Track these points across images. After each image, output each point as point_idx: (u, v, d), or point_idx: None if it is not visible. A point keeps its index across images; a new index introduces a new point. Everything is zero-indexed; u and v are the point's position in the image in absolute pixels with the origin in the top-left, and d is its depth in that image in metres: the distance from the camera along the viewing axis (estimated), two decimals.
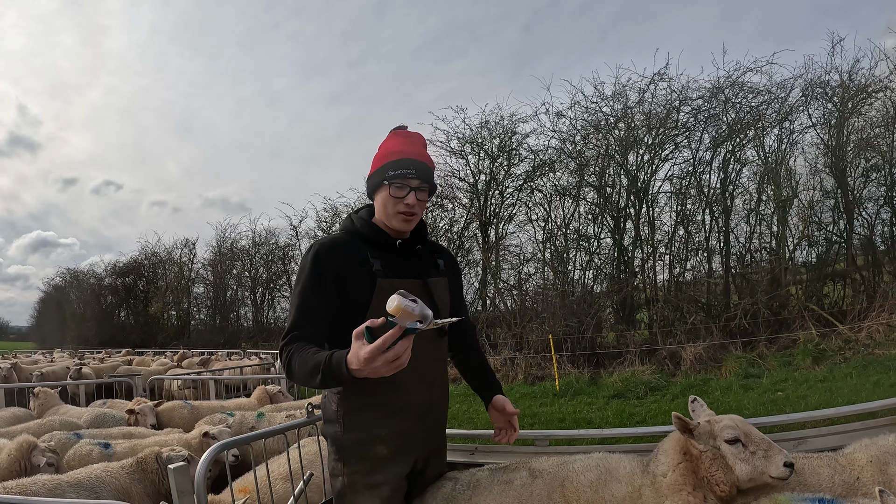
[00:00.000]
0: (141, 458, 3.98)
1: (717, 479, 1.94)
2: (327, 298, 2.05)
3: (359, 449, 2.11)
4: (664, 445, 2.13)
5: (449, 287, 2.35)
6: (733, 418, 2.05)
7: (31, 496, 3.22)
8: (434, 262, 2.35)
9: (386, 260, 2.15)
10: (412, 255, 2.25)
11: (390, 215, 2.15)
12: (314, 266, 2.05)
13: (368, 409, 2.12)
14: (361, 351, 1.60)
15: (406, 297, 1.55)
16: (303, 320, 2.01)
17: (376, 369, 1.62)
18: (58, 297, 40.88)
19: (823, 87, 13.47)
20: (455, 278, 2.45)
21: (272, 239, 25.82)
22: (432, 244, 2.42)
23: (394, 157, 2.13)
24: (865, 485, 1.98)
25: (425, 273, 2.24)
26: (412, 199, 2.12)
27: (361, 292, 2.06)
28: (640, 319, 14.99)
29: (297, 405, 6.23)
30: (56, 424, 5.66)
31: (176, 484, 1.95)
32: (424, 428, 2.23)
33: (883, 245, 13.53)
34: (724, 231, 14.42)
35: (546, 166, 15.77)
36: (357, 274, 2.08)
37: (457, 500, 2.21)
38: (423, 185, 2.14)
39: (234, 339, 25.68)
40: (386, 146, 2.20)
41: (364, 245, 2.16)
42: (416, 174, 2.11)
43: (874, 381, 8.36)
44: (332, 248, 2.10)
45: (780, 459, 1.89)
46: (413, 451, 2.19)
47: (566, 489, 2.09)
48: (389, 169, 2.11)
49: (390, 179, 2.11)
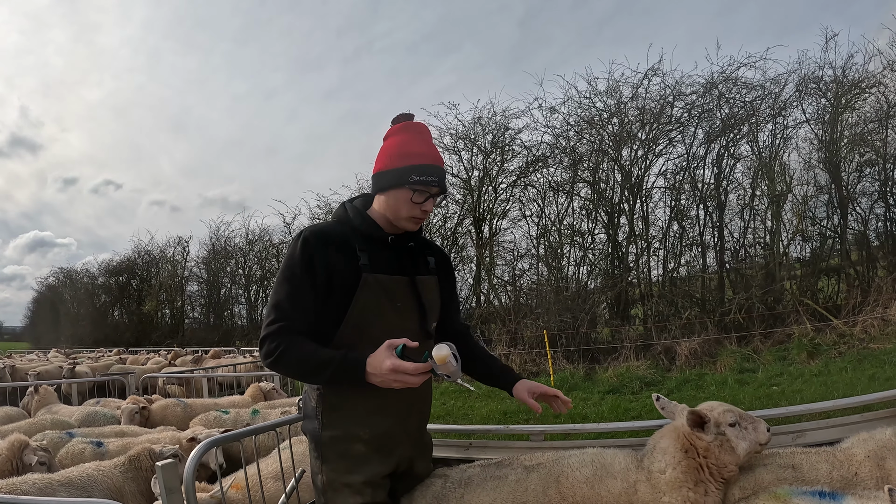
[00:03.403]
0: (133, 455, 3.95)
1: (726, 463, 2.02)
2: (315, 288, 1.99)
3: (337, 446, 2.07)
4: (661, 443, 2.11)
5: (439, 285, 2.30)
6: (721, 404, 2.16)
7: (22, 496, 3.18)
8: (424, 259, 2.28)
9: (374, 254, 2.09)
10: (402, 251, 2.20)
11: (401, 217, 2.10)
12: (304, 253, 1.99)
13: (347, 408, 2.07)
14: (389, 361, 1.79)
15: (454, 352, 1.78)
16: (292, 310, 1.97)
17: (389, 382, 1.82)
18: (51, 297, 40.86)
19: (817, 82, 13.53)
20: (446, 276, 2.38)
21: (266, 237, 25.84)
22: (424, 241, 2.36)
23: (417, 159, 2.06)
24: (864, 480, 1.96)
25: (414, 270, 2.19)
26: (430, 207, 2.09)
27: (346, 285, 2.01)
28: (635, 315, 14.99)
29: (292, 402, 6.19)
30: (48, 423, 5.61)
31: (164, 481, 1.91)
32: (405, 429, 2.17)
33: (877, 240, 13.61)
34: (719, 226, 14.47)
35: (539, 162, 15.75)
36: (343, 266, 2.02)
37: (447, 499, 2.16)
38: (440, 193, 2.12)
39: (229, 337, 25.70)
40: (404, 144, 2.11)
41: (354, 237, 2.10)
42: (437, 182, 2.07)
43: (869, 374, 8.39)
44: (320, 236, 2.04)
45: (763, 427, 2.08)
46: (394, 452, 2.13)
47: (561, 485, 2.06)
48: (414, 173, 2.04)
49: (413, 185, 2.04)
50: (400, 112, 2.19)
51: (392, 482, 2.17)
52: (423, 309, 2.16)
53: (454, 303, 2.47)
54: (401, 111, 2.19)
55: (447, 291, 2.38)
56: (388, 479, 2.13)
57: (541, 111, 17.51)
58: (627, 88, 14.79)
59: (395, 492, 2.20)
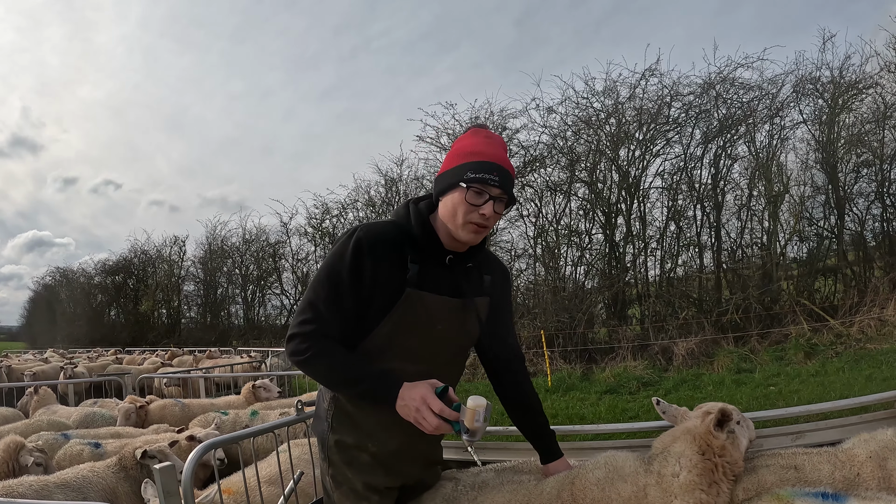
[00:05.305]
0: (122, 455, 3.93)
1: (735, 459, 2.02)
2: (358, 294, 1.85)
3: (344, 452, 1.99)
4: (675, 447, 2.06)
5: (490, 305, 2.10)
6: (716, 404, 2.16)
7: (18, 498, 3.16)
8: (480, 277, 2.07)
9: (426, 269, 1.91)
10: (459, 271, 2.00)
11: (459, 224, 1.87)
12: (354, 256, 1.83)
13: (358, 417, 1.99)
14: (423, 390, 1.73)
15: (487, 412, 1.68)
16: (328, 313, 1.84)
17: (410, 411, 1.73)
18: (48, 297, 40.72)
19: (814, 83, 13.58)
20: (501, 295, 2.17)
21: (263, 236, 25.76)
22: (484, 256, 2.13)
23: (475, 157, 1.86)
24: (866, 480, 1.96)
25: (470, 292, 2.00)
26: (489, 210, 1.83)
27: (387, 296, 1.86)
28: (632, 315, 15.00)
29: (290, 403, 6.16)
30: (44, 424, 5.59)
31: (162, 484, 1.89)
32: (415, 449, 2.05)
33: (873, 240, 13.65)
34: (716, 226, 14.49)
35: (537, 162, 15.74)
36: (390, 275, 1.86)
37: (459, 502, 2.12)
38: (503, 195, 1.86)
39: (225, 337, 25.61)
40: (464, 144, 1.93)
41: (408, 244, 1.91)
42: (498, 182, 1.83)
43: (866, 375, 8.40)
44: (375, 238, 1.86)
45: (750, 421, 2.16)
46: (401, 471, 2.05)
47: (575, 486, 2.04)
48: (469, 170, 1.83)
49: (469, 182, 1.82)
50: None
51: (400, 492, 2.10)
52: (466, 333, 2.05)
53: (507, 322, 2.24)
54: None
55: (501, 311, 2.18)
56: (396, 490, 2.07)
57: (538, 111, 17.47)
58: (625, 89, 14.83)
59: (402, 500, 2.13)
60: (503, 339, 2.21)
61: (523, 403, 2.25)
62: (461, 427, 1.67)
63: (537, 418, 2.24)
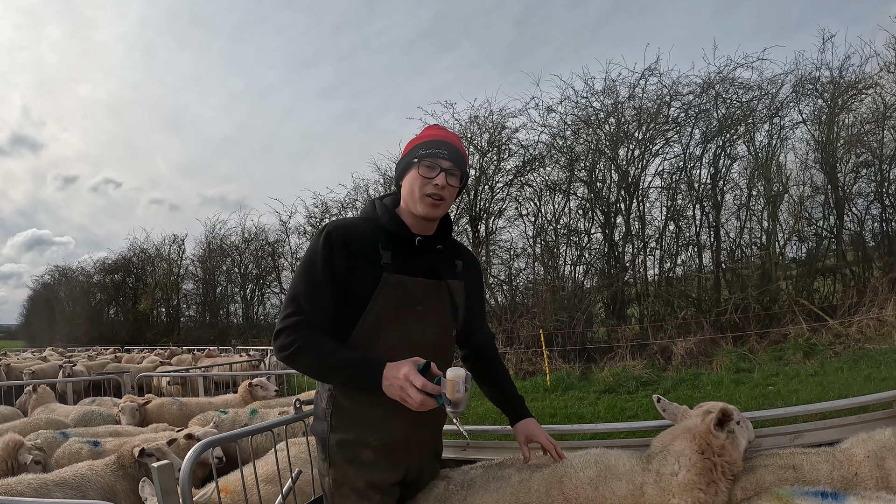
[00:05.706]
0: (120, 454, 3.93)
1: (736, 459, 2.04)
2: (334, 284, 1.93)
3: (345, 451, 2.01)
4: (674, 446, 2.07)
5: (465, 290, 2.20)
6: (717, 404, 2.17)
7: (17, 496, 3.16)
8: (452, 262, 2.19)
9: (398, 254, 2.01)
10: (431, 253, 2.10)
11: (417, 198, 2.00)
12: (325, 248, 1.92)
13: (358, 412, 2.01)
14: (406, 368, 1.77)
15: (467, 382, 1.72)
16: (309, 304, 1.91)
17: (395, 389, 1.78)
18: (47, 295, 40.70)
19: (814, 83, 13.56)
20: (473, 282, 2.29)
21: (262, 235, 25.74)
22: (454, 244, 2.27)
23: (426, 139, 2.03)
24: (864, 480, 1.97)
25: (444, 273, 2.11)
26: (442, 180, 1.97)
27: (365, 284, 1.94)
28: (631, 314, 15.01)
29: (289, 402, 6.16)
30: (42, 423, 5.58)
31: (160, 483, 1.89)
32: (417, 439, 2.10)
33: (872, 241, 13.65)
34: (715, 226, 14.49)
35: (536, 161, 15.76)
36: (365, 264, 1.95)
37: (450, 501, 2.13)
38: (454, 168, 2.01)
39: (224, 335, 25.60)
40: (418, 136, 2.09)
41: (379, 234, 2.02)
42: (447, 155, 1.99)
43: (865, 375, 8.40)
44: (344, 231, 1.97)
45: (749, 422, 2.17)
46: (403, 461, 2.07)
47: (565, 486, 2.04)
48: (420, 149, 2.00)
49: (420, 157, 1.99)
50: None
51: (400, 490, 2.12)
52: (446, 315, 2.11)
53: (480, 310, 2.39)
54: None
55: (474, 297, 2.29)
56: (398, 487, 2.09)
57: (537, 110, 17.51)
58: (624, 88, 14.83)
59: (402, 499, 2.15)
60: (477, 324, 2.37)
61: (496, 377, 2.42)
62: (444, 400, 1.72)
63: (505, 385, 2.41)
